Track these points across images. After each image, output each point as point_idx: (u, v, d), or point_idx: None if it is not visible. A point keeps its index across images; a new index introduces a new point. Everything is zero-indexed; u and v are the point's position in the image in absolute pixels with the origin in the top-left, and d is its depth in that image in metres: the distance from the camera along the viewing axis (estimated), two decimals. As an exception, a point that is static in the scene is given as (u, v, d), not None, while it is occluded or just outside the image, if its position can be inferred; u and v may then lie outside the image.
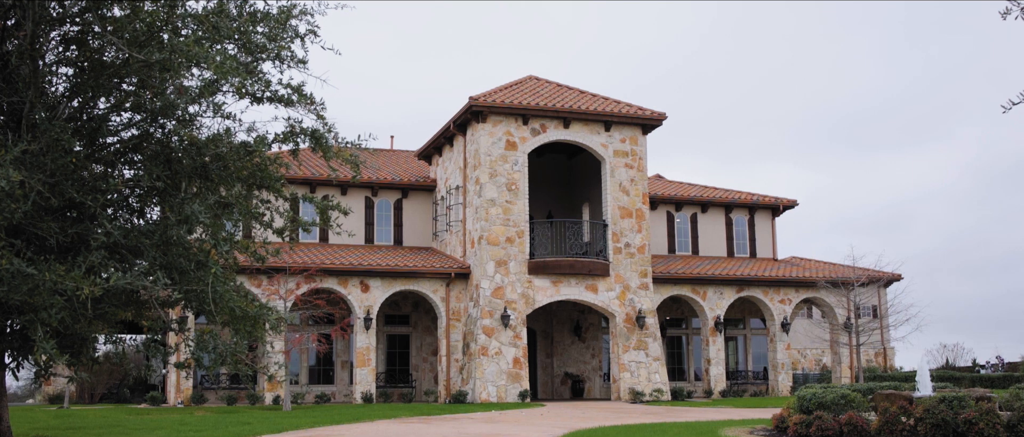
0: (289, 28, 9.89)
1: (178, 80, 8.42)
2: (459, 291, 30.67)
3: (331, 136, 10.43)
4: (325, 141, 10.27)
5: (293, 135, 10.22)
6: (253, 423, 19.85)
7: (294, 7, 9.96)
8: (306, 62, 9.98)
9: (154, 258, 8.62)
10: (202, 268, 8.86)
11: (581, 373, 35.12)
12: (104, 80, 8.57)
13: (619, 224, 31.02)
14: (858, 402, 15.63)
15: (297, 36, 10.04)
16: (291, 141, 10.37)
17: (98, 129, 8.86)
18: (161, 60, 7.94)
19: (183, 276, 8.94)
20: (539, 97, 31.22)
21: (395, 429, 18.80)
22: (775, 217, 38.41)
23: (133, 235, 8.49)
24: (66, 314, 8.14)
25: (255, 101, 9.65)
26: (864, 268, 32.90)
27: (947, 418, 13.79)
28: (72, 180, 8.37)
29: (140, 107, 8.83)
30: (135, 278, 7.84)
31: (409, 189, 34.41)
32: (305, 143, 10.41)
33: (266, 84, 9.62)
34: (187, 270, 8.91)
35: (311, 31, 10.17)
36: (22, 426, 19.29)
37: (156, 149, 9.08)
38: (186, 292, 8.98)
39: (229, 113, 9.81)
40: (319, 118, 10.26)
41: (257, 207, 11.29)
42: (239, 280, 28.26)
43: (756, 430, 16.93)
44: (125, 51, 8.10)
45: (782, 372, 33.87)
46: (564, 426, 19.10)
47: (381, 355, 32.77)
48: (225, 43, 9.15)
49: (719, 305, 33.29)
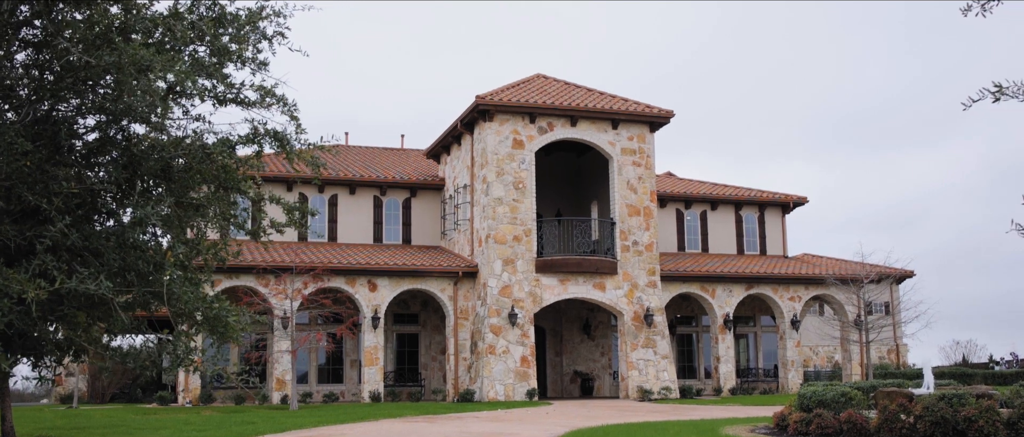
0: (256, 30, 9.90)
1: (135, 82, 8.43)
2: (467, 290, 30.68)
3: (297, 138, 10.43)
4: (288, 143, 10.30)
5: (257, 137, 10.24)
6: (257, 423, 19.92)
7: (263, 9, 9.98)
8: (267, 65, 10.02)
9: (113, 261, 8.65)
10: (160, 270, 8.88)
11: (590, 371, 35.09)
12: (68, 83, 8.60)
13: (627, 222, 30.95)
14: (858, 400, 15.55)
15: (264, 38, 10.07)
16: (255, 143, 10.40)
17: (58, 132, 8.89)
18: (112, 63, 7.96)
19: (142, 278, 8.97)
20: (546, 95, 31.19)
21: (398, 428, 18.84)
22: (785, 214, 38.25)
23: (94, 238, 8.51)
24: (15, 317, 8.17)
25: (219, 103, 9.67)
26: (874, 265, 32.73)
27: (946, 416, 13.69)
28: (27, 183, 8.40)
29: (103, 109, 8.86)
30: (82, 281, 7.88)
31: (417, 188, 34.44)
32: (269, 146, 10.43)
33: (229, 85, 9.64)
34: (146, 272, 8.94)
35: (279, 33, 10.21)
36: (27, 426, 19.41)
37: (118, 152, 9.12)
38: (144, 293, 9.02)
39: (198, 115, 9.84)
40: (293, 119, 10.30)
41: (231, 208, 11.30)
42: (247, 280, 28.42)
43: (758, 428, 16.87)
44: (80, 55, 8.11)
45: (792, 369, 33.73)
46: (567, 425, 19.08)
47: (390, 354, 32.83)
48: (192, 46, 9.17)
49: (728, 303, 33.17)
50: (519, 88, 31.67)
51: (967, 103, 4.81)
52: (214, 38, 9.39)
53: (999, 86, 4.67)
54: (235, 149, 10.14)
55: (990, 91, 4.73)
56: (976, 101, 4.75)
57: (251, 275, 28.51)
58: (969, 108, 4.79)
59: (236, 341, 11.21)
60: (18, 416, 24.05)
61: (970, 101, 4.79)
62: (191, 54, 9.05)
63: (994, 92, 4.71)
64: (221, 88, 9.60)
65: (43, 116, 8.91)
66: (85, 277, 7.82)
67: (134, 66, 8.02)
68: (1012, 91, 4.63)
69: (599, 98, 31.80)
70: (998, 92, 4.70)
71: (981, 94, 4.73)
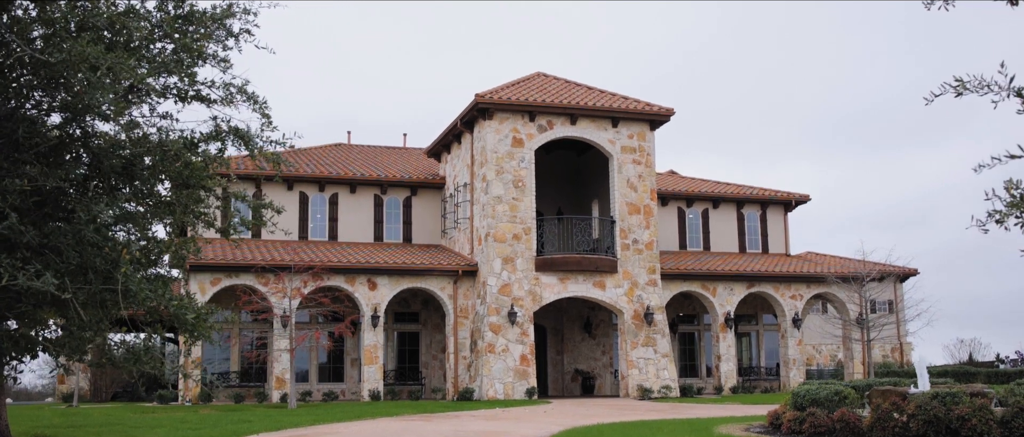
0: (223, 27, 9.90)
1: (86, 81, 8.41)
2: (467, 288, 30.66)
3: (262, 135, 10.43)
4: (251, 141, 10.30)
5: (220, 134, 10.24)
6: (253, 421, 19.92)
7: (232, 6, 9.97)
8: (230, 61, 10.02)
9: (71, 259, 8.64)
10: (116, 267, 8.87)
11: (591, 370, 35.04)
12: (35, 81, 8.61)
13: (627, 220, 30.89)
14: (852, 398, 15.47)
15: (231, 35, 10.06)
16: (218, 140, 10.39)
17: (16, 129, 8.87)
18: (62, 61, 7.95)
19: (99, 276, 8.95)
20: (546, 94, 31.14)
21: (394, 427, 18.81)
22: (787, 212, 38.16)
23: (55, 235, 8.50)
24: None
25: (181, 101, 9.65)
26: (875, 263, 32.62)
27: (939, 414, 13.61)
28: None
29: (65, 107, 8.86)
30: (29, 278, 7.86)
31: (418, 187, 34.43)
32: (232, 143, 10.42)
33: (192, 83, 9.61)
34: (103, 270, 8.93)
35: (245, 30, 10.20)
36: (24, 424, 19.44)
37: (78, 150, 9.11)
38: (101, 291, 9.01)
39: (165, 113, 9.84)
40: (264, 116, 10.30)
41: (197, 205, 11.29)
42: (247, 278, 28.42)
43: (753, 427, 16.80)
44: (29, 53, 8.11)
45: (794, 368, 33.64)
46: (562, 424, 19.04)
47: (391, 352, 32.84)
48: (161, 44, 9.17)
49: (729, 301, 33.09)
50: (519, 87, 31.62)
51: (929, 98, 4.77)
52: (180, 35, 9.38)
53: (960, 80, 4.62)
54: (197, 146, 10.13)
55: (952, 86, 4.68)
56: (938, 96, 4.70)
57: (250, 274, 28.53)
58: (931, 102, 4.75)
59: (207, 339, 11.17)
60: (17, 414, 24.12)
61: (932, 96, 4.75)
62: (160, 51, 9.02)
63: (955, 86, 4.66)
64: (184, 85, 9.60)
65: (8, 113, 8.91)
66: (31, 274, 7.82)
67: (83, 63, 8.00)
68: (972, 85, 4.58)
69: (599, 96, 31.75)
70: (960, 86, 4.66)
71: (943, 89, 4.69)
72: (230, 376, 30.84)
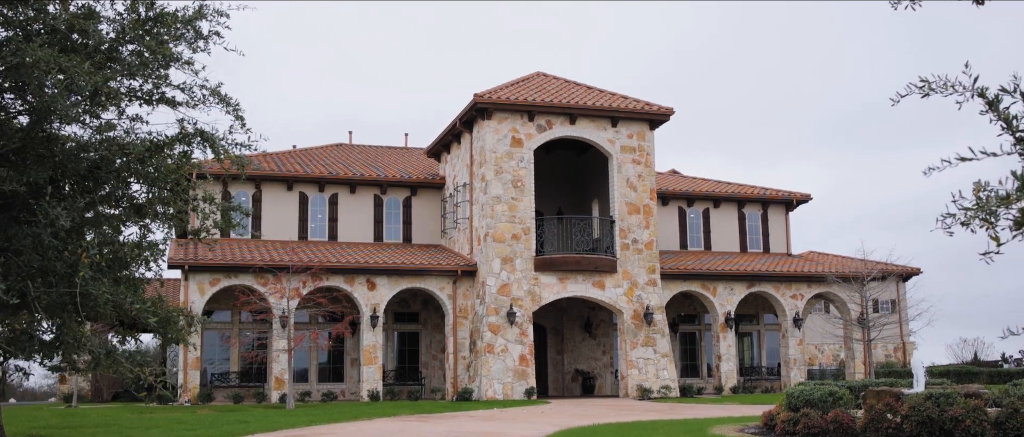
0: (192, 29, 9.88)
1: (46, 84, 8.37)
2: (466, 288, 30.62)
3: (229, 137, 10.40)
4: (216, 143, 10.27)
5: (186, 136, 10.21)
6: (250, 422, 19.91)
7: (203, 8, 9.94)
8: (194, 63, 10.00)
9: (33, 262, 8.61)
10: (74, 270, 8.84)
11: (592, 370, 34.97)
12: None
13: (626, 220, 30.83)
14: (846, 399, 15.42)
15: (200, 37, 10.03)
16: (184, 142, 10.36)
17: None
18: (17, 64, 7.93)
19: (61, 279, 8.93)
20: (545, 93, 31.08)
21: (390, 427, 18.79)
22: (789, 211, 38.05)
23: (17, 238, 8.47)
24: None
25: (146, 103, 9.62)
26: (876, 262, 32.50)
27: (933, 415, 13.55)
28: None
29: (31, 110, 8.83)
30: None
31: (418, 187, 34.40)
32: (198, 146, 10.38)
33: (157, 85, 9.58)
34: (64, 273, 8.90)
35: (214, 32, 10.19)
36: (20, 425, 19.44)
37: (41, 151, 9.09)
38: (61, 295, 8.99)
39: (135, 115, 9.79)
40: (238, 118, 10.28)
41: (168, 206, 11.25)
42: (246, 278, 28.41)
43: (747, 428, 16.75)
44: None
45: (795, 368, 33.54)
46: (558, 424, 19.00)
47: (391, 353, 32.81)
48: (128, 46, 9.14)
49: (730, 301, 33.00)
50: (518, 86, 31.57)
51: (896, 98, 4.71)
52: (149, 38, 9.34)
53: (926, 81, 4.57)
54: (163, 149, 10.11)
55: (917, 86, 4.63)
56: (904, 96, 4.65)
57: (249, 274, 28.53)
58: (897, 103, 4.70)
59: (183, 341, 11.14)
60: (15, 415, 24.16)
61: (898, 97, 4.70)
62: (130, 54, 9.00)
63: (921, 87, 4.61)
64: (150, 88, 9.57)
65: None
66: None
67: (37, 67, 7.98)
68: (937, 86, 4.53)
69: (599, 96, 31.68)
70: (925, 87, 4.61)
71: (908, 89, 4.64)
72: (230, 376, 30.84)
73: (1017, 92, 4.29)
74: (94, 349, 9.65)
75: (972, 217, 4.21)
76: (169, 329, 10.50)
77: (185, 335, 11.11)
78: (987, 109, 4.32)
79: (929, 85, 4.54)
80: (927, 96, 4.60)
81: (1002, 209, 4.05)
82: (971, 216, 4.19)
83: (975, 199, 4.33)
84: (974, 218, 4.32)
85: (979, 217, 4.14)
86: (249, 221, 32.52)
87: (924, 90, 4.59)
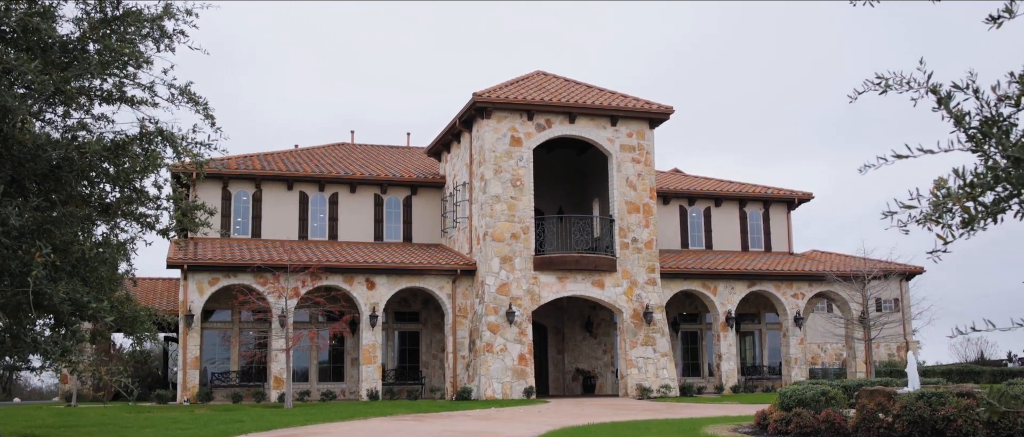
0: (157, 28, 9.89)
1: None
2: (466, 288, 30.60)
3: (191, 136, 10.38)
4: (176, 142, 10.27)
5: (145, 135, 10.20)
6: (245, 421, 19.92)
7: (170, 7, 9.93)
8: (151, 61, 10.00)
9: None
10: (28, 269, 8.83)
11: (592, 369, 34.92)
12: None
13: (626, 219, 30.77)
14: (839, 399, 15.36)
15: (165, 36, 10.03)
16: (143, 142, 10.34)
17: None
18: None
19: (15, 278, 8.93)
20: (545, 92, 31.03)
21: (385, 426, 18.79)
22: (791, 210, 37.93)
23: None
24: None
25: (106, 103, 9.62)
26: (877, 260, 32.38)
27: (924, 415, 13.48)
28: None
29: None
30: None
31: (418, 186, 34.38)
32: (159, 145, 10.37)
33: (117, 85, 9.57)
34: (17, 273, 8.90)
35: (180, 31, 10.19)
36: (17, 424, 19.50)
37: None
38: (15, 294, 8.98)
39: (100, 114, 9.78)
40: (207, 117, 10.28)
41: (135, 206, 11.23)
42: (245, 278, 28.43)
43: (741, 427, 16.70)
44: None
45: (795, 367, 33.44)
46: (553, 423, 18.97)
47: (392, 352, 32.81)
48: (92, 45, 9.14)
49: (730, 300, 32.91)
50: (518, 85, 31.53)
51: (853, 95, 4.67)
52: (115, 36, 9.33)
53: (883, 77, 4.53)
54: (122, 148, 10.10)
55: (874, 83, 4.59)
56: (861, 93, 4.61)
57: (248, 273, 28.56)
58: (855, 100, 4.65)
59: (150, 339, 11.14)
60: (14, 414, 24.24)
61: (855, 93, 4.66)
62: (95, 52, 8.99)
63: (877, 84, 4.57)
64: (110, 87, 9.57)
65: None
66: None
67: None
68: (894, 82, 4.49)
69: (598, 95, 31.62)
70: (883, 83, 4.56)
71: (866, 86, 4.60)
72: (230, 376, 30.88)
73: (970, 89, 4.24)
74: (47, 348, 9.66)
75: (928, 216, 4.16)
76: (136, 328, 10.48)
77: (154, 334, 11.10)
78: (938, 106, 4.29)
79: (886, 82, 4.50)
80: (884, 93, 4.56)
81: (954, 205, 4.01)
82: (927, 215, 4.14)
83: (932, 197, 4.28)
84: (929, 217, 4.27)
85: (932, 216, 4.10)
86: (249, 221, 32.56)
87: (881, 87, 4.55)
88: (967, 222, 4.00)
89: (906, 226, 4.26)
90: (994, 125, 3.98)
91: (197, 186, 31.69)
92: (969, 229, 4.06)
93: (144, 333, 11.00)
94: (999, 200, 3.95)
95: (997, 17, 4.03)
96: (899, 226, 4.22)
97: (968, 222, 4.01)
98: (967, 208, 3.93)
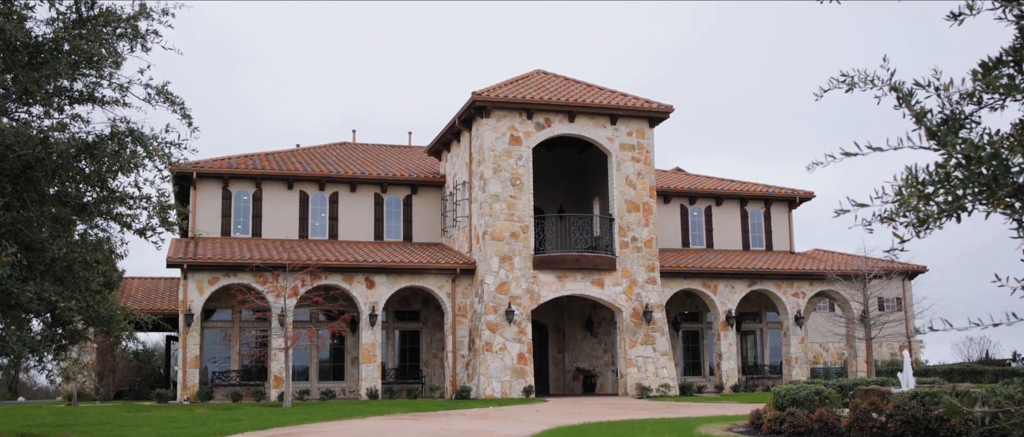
0: (132, 28, 9.91)
1: None
2: (465, 287, 30.60)
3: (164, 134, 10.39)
4: (146, 142, 10.28)
5: (116, 135, 10.22)
6: (242, 420, 19.95)
7: (146, 7, 9.96)
8: (120, 63, 10.02)
9: None
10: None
11: (593, 368, 34.89)
12: None
13: (626, 218, 30.73)
14: (833, 398, 15.33)
15: (138, 36, 10.05)
16: (115, 141, 10.37)
17: None
18: None
19: None
20: (544, 91, 31.00)
21: (381, 425, 18.80)
22: (792, 209, 37.86)
23: None
24: None
25: (75, 103, 9.63)
26: (879, 259, 32.29)
27: (917, 414, 13.44)
28: None
29: None
30: None
31: (419, 185, 34.39)
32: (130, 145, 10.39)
33: (89, 85, 9.60)
34: None
35: (153, 31, 10.22)
36: (16, 424, 19.54)
37: None
38: None
39: (75, 114, 9.79)
40: (185, 117, 10.29)
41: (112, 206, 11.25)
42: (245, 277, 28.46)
43: (735, 427, 16.68)
44: None
45: (796, 366, 33.38)
46: (549, 422, 18.96)
47: (392, 351, 32.82)
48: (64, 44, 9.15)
49: (730, 299, 32.86)
50: (517, 84, 31.51)
51: (819, 93, 4.66)
52: (92, 35, 9.36)
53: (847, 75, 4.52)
54: (95, 147, 10.12)
55: (840, 81, 4.58)
56: (827, 91, 4.60)
57: (248, 272, 28.59)
58: (821, 98, 4.64)
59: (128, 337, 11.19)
60: (14, 413, 24.30)
61: (821, 91, 4.64)
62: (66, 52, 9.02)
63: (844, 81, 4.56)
64: (80, 87, 9.58)
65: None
66: None
67: None
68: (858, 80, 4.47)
69: (598, 93, 31.59)
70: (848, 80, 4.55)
71: (831, 84, 4.58)
72: (230, 375, 30.92)
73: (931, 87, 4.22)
74: (14, 346, 9.69)
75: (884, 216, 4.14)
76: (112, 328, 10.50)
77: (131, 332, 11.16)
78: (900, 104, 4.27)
79: (850, 79, 4.49)
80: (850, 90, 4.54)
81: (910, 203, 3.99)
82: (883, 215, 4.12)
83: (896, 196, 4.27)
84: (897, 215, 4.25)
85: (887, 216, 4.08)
86: (250, 220, 32.59)
87: (847, 84, 4.54)
88: (922, 221, 3.99)
89: (870, 225, 4.24)
90: (955, 122, 3.97)
91: (197, 186, 31.76)
92: (925, 227, 4.05)
93: (120, 332, 11.01)
94: (956, 199, 3.93)
95: (958, 14, 4.02)
96: (863, 225, 4.21)
97: (923, 221, 3.99)
98: (917, 208, 3.92)
